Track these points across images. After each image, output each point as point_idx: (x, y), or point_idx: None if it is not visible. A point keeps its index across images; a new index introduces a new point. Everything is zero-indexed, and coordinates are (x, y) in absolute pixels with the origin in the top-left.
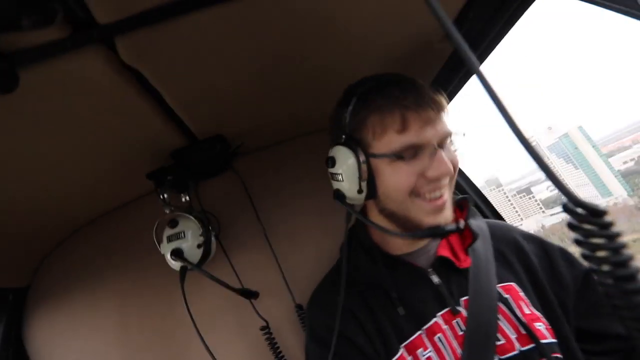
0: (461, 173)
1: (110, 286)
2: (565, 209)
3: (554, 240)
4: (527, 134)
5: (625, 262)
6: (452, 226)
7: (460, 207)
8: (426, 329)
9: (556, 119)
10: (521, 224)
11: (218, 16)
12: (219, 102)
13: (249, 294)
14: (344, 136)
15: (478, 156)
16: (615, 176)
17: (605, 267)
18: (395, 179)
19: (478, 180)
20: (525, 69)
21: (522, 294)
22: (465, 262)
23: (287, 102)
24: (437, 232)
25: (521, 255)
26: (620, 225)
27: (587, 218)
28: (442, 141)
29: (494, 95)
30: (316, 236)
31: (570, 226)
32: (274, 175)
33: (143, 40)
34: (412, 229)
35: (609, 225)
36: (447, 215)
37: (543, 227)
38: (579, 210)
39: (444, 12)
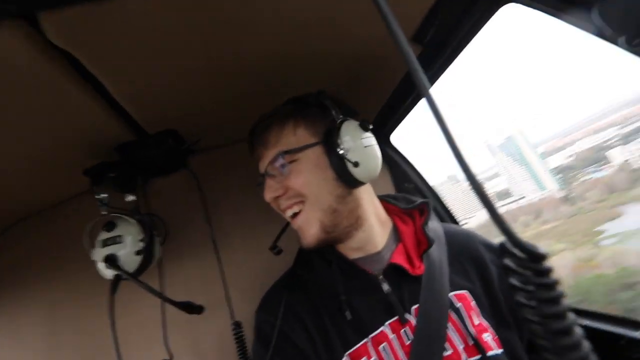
0: (417, 174)
1: (38, 296)
2: (502, 249)
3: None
4: (474, 170)
5: (561, 315)
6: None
7: (421, 210)
8: (372, 337)
9: (504, 122)
10: (474, 215)
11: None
12: (170, 95)
13: (191, 308)
14: None
15: (441, 155)
16: (549, 173)
17: (538, 318)
18: None
19: (441, 176)
20: (478, 79)
21: (473, 303)
22: (420, 268)
23: (244, 101)
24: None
25: (479, 263)
26: (546, 214)
27: (525, 262)
28: (269, 170)
29: (442, 123)
30: (265, 247)
31: (506, 269)
32: (231, 176)
33: (74, 18)
34: None
35: (546, 272)
36: (306, 236)
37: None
38: (518, 252)
39: (401, 31)
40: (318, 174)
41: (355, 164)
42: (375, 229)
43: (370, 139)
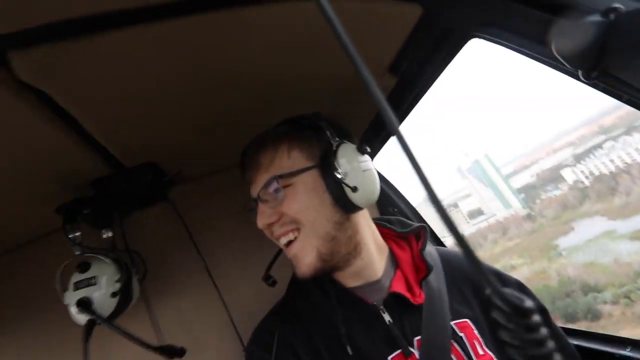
0: (398, 194)
1: (5, 343)
2: (489, 303)
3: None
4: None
5: None
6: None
7: (417, 235)
8: None
9: (470, 146)
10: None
11: (141, 37)
12: (147, 128)
13: (172, 352)
14: None
15: (420, 180)
16: (513, 193)
17: None
18: None
19: (418, 197)
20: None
21: (476, 332)
22: (420, 297)
23: (225, 129)
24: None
25: (477, 288)
26: (511, 231)
27: (513, 317)
28: (262, 195)
29: (414, 162)
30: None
31: (495, 323)
32: (215, 207)
33: (44, 56)
34: None
35: (535, 327)
36: (301, 265)
37: None
38: (504, 306)
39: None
40: (314, 199)
41: (354, 189)
42: (374, 256)
43: (368, 163)
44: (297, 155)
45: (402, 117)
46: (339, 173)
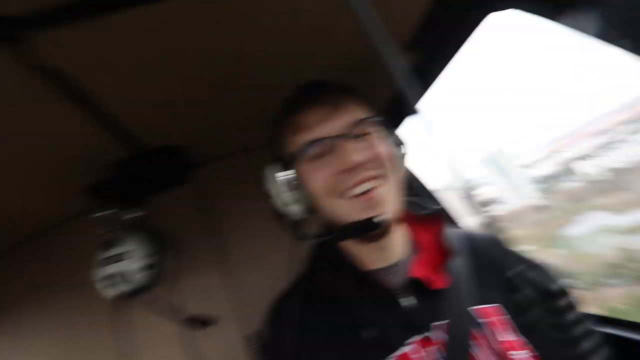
0: (415, 179)
1: (40, 324)
2: (516, 285)
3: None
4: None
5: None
6: (380, 218)
7: (440, 217)
8: (394, 357)
9: (488, 138)
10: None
11: (158, 14)
12: (168, 109)
13: (200, 323)
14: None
15: (440, 165)
16: (530, 183)
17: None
18: (311, 182)
19: (440, 183)
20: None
21: (500, 318)
22: (441, 281)
23: (249, 106)
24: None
25: (504, 273)
26: (522, 220)
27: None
28: (354, 130)
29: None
30: (281, 259)
31: (527, 302)
32: (238, 188)
33: (66, 38)
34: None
35: (569, 307)
36: (384, 210)
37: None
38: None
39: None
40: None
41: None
42: (397, 234)
43: None
44: (369, 110)
45: (422, 93)
46: (399, 137)
